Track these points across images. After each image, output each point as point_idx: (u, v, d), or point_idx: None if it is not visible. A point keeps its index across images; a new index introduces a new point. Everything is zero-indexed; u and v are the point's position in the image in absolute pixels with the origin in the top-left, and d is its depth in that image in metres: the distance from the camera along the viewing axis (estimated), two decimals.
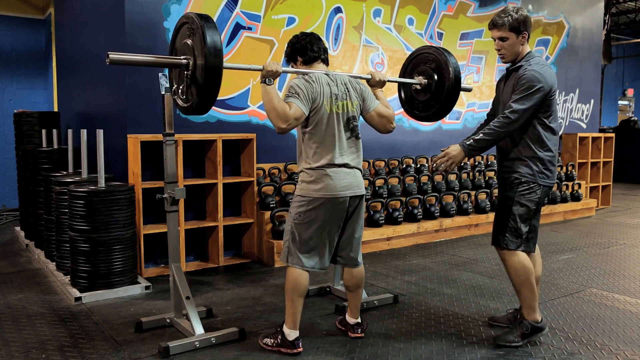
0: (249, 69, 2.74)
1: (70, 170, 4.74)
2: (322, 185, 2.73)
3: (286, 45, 2.97)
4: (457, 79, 3.25)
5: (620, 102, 17.21)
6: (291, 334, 2.79)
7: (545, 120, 2.85)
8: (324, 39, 5.39)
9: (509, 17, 2.84)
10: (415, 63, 3.44)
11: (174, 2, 4.46)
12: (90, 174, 4.32)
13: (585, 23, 8.38)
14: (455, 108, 6.62)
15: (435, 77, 3.30)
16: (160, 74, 3.06)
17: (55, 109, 7.17)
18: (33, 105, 7.75)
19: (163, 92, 3.04)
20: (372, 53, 5.83)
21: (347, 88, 2.84)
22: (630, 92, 16.63)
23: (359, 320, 3.05)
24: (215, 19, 4.69)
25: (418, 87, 3.37)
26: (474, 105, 6.82)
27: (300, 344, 2.80)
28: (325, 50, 2.95)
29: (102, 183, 3.84)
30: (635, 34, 16.42)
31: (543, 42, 7.74)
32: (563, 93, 8.14)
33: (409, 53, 6.22)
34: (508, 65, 2.98)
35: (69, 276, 3.94)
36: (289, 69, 2.87)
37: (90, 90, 5.46)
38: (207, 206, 4.71)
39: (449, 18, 6.53)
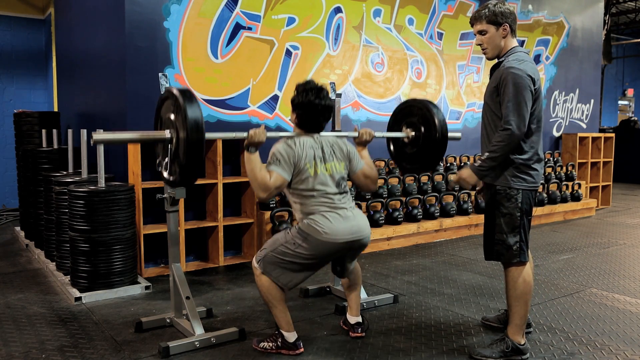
0: (234, 138, 2.78)
1: (70, 170, 4.75)
2: (320, 228, 2.66)
3: (295, 88, 2.90)
4: (444, 132, 3.19)
5: (620, 102, 17.20)
6: (290, 335, 2.78)
7: None
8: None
9: (486, 9, 2.74)
10: (402, 116, 3.41)
11: (174, 2, 4.46)
12: (90, 174, 4.32)
13: (585, 23, 8.38)
14: (456, 108, 6.69)
15: (423, 130, 3.26)
16: (160, 74, 3.07)
17: (55, 109, 7.17)
18: (33, 105, 7.75)
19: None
20: (372, 53, 5.83)
21: (333, 150, 2.84)
22: (630, 92, 16.62)
23: (360, 319, 3.05)
24: (215, 19, 4.69)
25: (405, 140, 3.35)
26: (474, 105, 6.82)
27: (301, 344, 2.80)
28: (327, 119, 2.87)
29: (102, 183, 3.84)
30: (635, 34, 16.42)
31: (543, 42, 7.74)
32: (563, 93, 8.14)
33: (409, 53, 6.29)
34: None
35: (69, 276, 3.93)
36: (272, 134, 2.83)
37: (90, 91, 5.46)
38: (207, 206, 4.71)
39: (449, 18, 6.53)
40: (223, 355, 2.79)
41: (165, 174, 2.68)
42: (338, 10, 5.52)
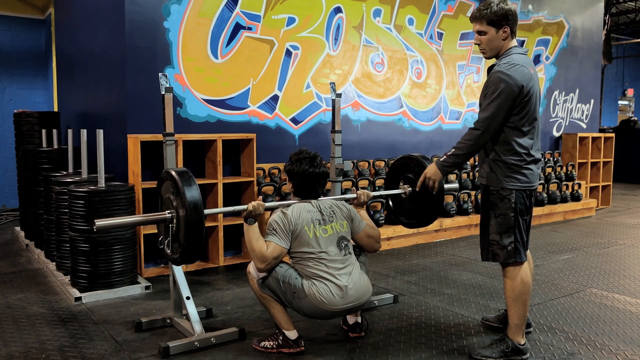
0: (233, 211, 2.79)
1: (70, 170, 4.74)
2: (320, 297, 2.64)
3: (289, 158, 2.91)
4: (440, 186, 3.14)
5: (620, 102, 17.21)
6: (291, 334, 2.78)
7: (516, 123, 2.65)
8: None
9: (488, 9, 2.67)
10: (399, 171, 3.40)
11: (174, 2, 4.46)
12: (90, 174, 4.32)
13: (585, 23, 8.38)
14: (456, 108, 6.68)
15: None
16: (160, 74, 3.07)
17: (55, 109, 7.17)
18: (33, 105, 7.75)
19: (163, 92, 3.04)
20: (372, 53, 5.83)
21: (333, 211, 2.84)
22: (630, 92, 16.62)
23: (359, 319, 3.05)
24: (215, 19, 4.69)
25: (403, 195, 3.34)
26: (474, 105, 6.82)
27: (302, 342, 2.80)
28: (323, 186, 2.90)
29: (102, 183, 3.83)
30: (635, 34, 16.42)
31: (543, 42, 7.74)
32: (563, 93, 8.14)
33: (409, 53, 6.29)
34: None
35: (69, 276, 3.93)
36: (271, 204, 2.85)
37: (90, 91, 5.46)
38: (207, 206, 4.71)
39: (449, 18, 6.53)
40: (223, 355, 2.79)
41: (168, 252, 2.73)
42: (338, 10, 5.52)
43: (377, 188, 5.53)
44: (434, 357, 2.79)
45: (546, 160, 7.59)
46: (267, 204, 2.79)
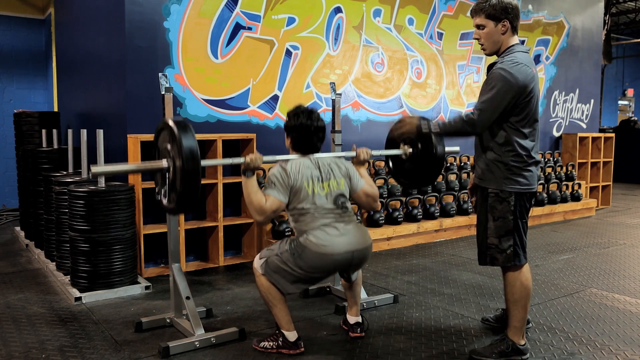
0: (231, 163, 2.77)
1: (70, 170, 4.75)
2: (317, 240, 2.66)
3: (287, 114, 2.91)
4: (442, 147, 3.17)
5: (620, 102, 17.20)
6: (290, 335, 2.78)
7: (516, 124, 2.61)
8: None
9: (487, 3, 2.63)
10: (399, 134, 3.35)
11: (174, 2, 4.46)
12: None
13: (585, 23, 8.38)
14: (456, 108, 6.68)
15: (420, 146, 3.23)
16: (160, 74, 3.07)
17: (55, 109, 7.17)
18: (33, 105, 7.75)
19: (163, 92, 3.04)
20: (372, 53, 5.83)
21: (330, 169, 2.84)
22: (630, 92, 16.62)
23: (359, 319, 3.05)
24: (215, 19, 4.69)
25: (403, 156, 3.32)
26: (474, 105, 6.82)
27: (302, 344, 2.80)
28: (321, 140, 2.88)
29: (102, 183, 3.84)
30: (635, 34, 16.42)
31: (543, 42, 7.74)
32: (563, 93, 8.14)
33: (409, 53, 6.29)
34: None
35: (69, 276, 3.93)
36: (269, 158, 2.82)
37: (90, 90, 5.46)
38: (207, 206, 4.71)
39: (449, 18, 6.53)
40: (223, 355, 2.79)
41: (164, 202, 2.71)
42: (338, 10, 5.52)
43: None
44: (434, 357, 2.79)
45: (546, 160, 7.59)
46: (266, 157, 2.76)
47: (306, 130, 2.82)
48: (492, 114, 2.59)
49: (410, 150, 3.27)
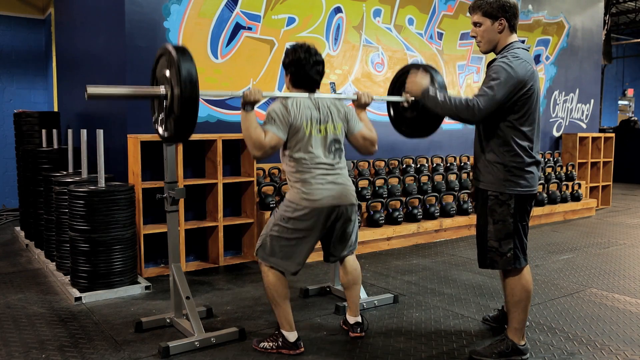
0: (231, 96, 2.74)
1: (70, 170, 4.74)
2: (307, 189, 2.70)
3: (284, 51, 2.92)
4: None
5: (620, 102, 17.20)
6: (290, 335, 2.78)
7: (515, 122, 2.57)
8: (324, 39, 5.39)
9: (484, 0, 2.60)
10: (402, 80, 3.34)
11: (174, 2, 4.46)
12: (90, 174, 4.32)
13: (585, 23, 8.38)
14: None
15: None
16: None
17: (55, 109, 7.17)
18: (33, 105, 7.75)
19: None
20: (372, 53, 5.83)
21: (329, 111, 2.83)
22: (630, 92, 16.62)
23: (359, 319, 3.05)
24: (215, 19, 4.69)
25: (405, 104, 3.30)
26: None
27: (302, 344, 2.80)
28: (319, 73, 2.85)
29: (102, 183, 3.84)
30: (635, 34, 16.42)
31: (543, 42, 7.74)
32: (563, 93, 8.14)
33: (409, 53, 6.28)
34: None
35: (69, 276, 3.93)
36: (269, 93, 2.82)
37: None
38: (207, 206, 4.71)
39: (449, 18, 6.53)
40: (223, 355, 2.79)
41: (160, 130, 2.68)
42: (338, 10, 5.52)
43: (377, 188, 5.53)
44: (434, 357, 2.79)
45: (546, 160, 7.59)
46: (265, 92, 2.74)
47: (305, 64, 2.79)
48: (492, 101, 2.52)
49: (412, 98, 3.20)
